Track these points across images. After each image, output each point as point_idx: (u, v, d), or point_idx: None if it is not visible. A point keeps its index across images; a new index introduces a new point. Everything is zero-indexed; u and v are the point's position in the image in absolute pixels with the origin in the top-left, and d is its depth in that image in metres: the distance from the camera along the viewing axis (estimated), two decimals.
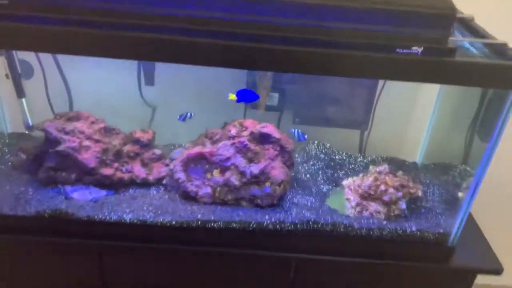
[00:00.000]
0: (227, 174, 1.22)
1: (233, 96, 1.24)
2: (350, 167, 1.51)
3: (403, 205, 1.30)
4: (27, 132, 1.37)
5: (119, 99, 1.49)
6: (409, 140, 1.57)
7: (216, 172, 1.24)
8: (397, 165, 1.51)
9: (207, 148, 1.25)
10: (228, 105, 1.52)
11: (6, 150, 1.36)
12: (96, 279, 1.26)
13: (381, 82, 1.47)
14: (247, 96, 1.24)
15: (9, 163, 1.31)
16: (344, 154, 1.54)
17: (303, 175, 1.43)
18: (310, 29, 0.99)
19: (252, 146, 1.23)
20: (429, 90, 1.47)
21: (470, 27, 1.18)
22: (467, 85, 1.00)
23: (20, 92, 1.31)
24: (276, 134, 1.26)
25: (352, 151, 1.57)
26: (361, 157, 1.55)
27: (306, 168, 1.46)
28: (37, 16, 0.95)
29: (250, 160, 1.24)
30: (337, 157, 1.52)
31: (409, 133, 1.56)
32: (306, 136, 1.34)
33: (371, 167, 1.41)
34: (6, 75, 1.28)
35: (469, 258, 1.26)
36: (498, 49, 1.05)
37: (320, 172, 1.46)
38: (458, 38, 1.07)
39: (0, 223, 1.17)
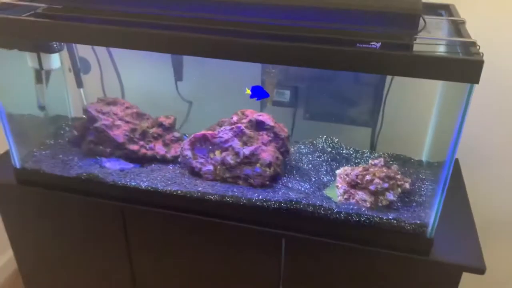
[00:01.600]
0: (224, 154, 1.42)
1: (249, 91, 1.42)
2: (356, 161, 1.59)
3: (390, 196, 1.36)
4: (84, 116, 1.71)
5: (161, 93, 1.78)
6: (416, 139, 1.61)
7: (217, 153, 1.44)
8: (402, 162, 1.57)
9: (210, 131, 1.45)
10: (247, 100, 1.73)
11: (67, 129, 1.72)
12: (120, 235, 1.53)
13: (388, 79, 1.54)
14: (258, 93, 1.42)
15: (66, 139, 1.66)
16: (351, 149, 1.63)
17: (306, 165, 1.56)
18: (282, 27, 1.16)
19: (247, 131, 1.41)
20: (432, 87, 1.50)
21: (457, 30, 1.24)
22: (420, 77, 1.07)
23: (79, 83, 1.66)
24: (270, 122, 1.42)
25: (364, 149, 1.66)
26: (368, 153, 1.62)
27: (310, 159, 1.59)
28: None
29: (245, 144, 1.41)
30: (344, 151, 1.62)
31: (416, 132, 1.60)
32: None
33: (370, 160, 1.49)
34: (69, 69, 1.64)
35: (450, 253, 1.28)
36: (467, 47, 1.11)
37: (324, 164, 1.58)
38: (424, 36, 1.14)
39: (51, 181, 1.51)
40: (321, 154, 1.61)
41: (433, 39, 1.15)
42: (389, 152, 1.62)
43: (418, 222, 1.27)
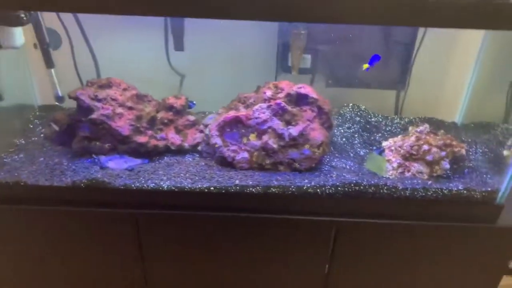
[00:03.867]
0: (264, 137, 1.18)
1: (366, 66, 1.23)
2: (387, 129, 1.46)
3: (446, 164, 1.25)
4: (57, 103, 1.35)
5: (147, 67, 1.45)
6: (447, 100, 1.50)
7: (252, 136, 1.20)
8: (435, 125, 1.46)
9: (243, 111, 1.21)
10: (257, 69, 1.48)
11: (38, 122, 1.35)
12: (134, 248, 1.24)
13: (418, 39, 1.40)
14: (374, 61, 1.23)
15: (42, 135, 1.29)
16: (380, 116, 1.49)
17: (339, 138, 1.39)
18: None
19: (289, 107, 1.19)
20: (469, 46, 1.39)
21: None
22: None
23: (49, 63, 1.28)
24: (313, 94, 1.21)
25: (388, 113, 1.52)
26: (398, 118, 1.49)
27: (342, 131, 1.42)
28: None
29: (288, 123, 1.19)
30: (373, 119, 1.47)
31: (448, 92, 1.49)
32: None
33: (410, 127, 1.35)
34: (35, 45, 1.25)
35: None
36: None
37: (356, 135, 1.42)
38: None
39: (37, 194, 1.16)
40: (350, 124, 1.44)
41: None
42: (419, 116, 1.50)
43: (489, 189, 1.18)
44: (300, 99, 1.21)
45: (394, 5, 0.92)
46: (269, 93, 1.23)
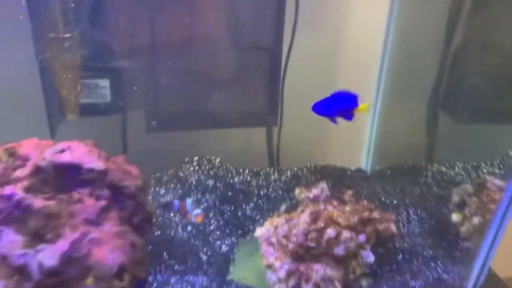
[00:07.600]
0: None
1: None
2: (262, 193, 0.87)
3: (369, 256, 0.70)
4: None
5: None
6: (346, 135, 0.96)
7: None
8: (335, 178, 0.91)
9: None
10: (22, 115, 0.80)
11: None
12: None
13: (284, 49, 0.85)
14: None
15: None
16: (246, 172, 0.90)
17: (180, 229, 0.76)
18: None
19: (37, 201, 0.52)
20: (367, 62, 0.88)
21: None
22: None
23: None
24: (93, 162, 0.56)
25: (260, 166, 0.93)
26: (276, 172, 0.91)
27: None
28: None
29: (37, 236, 0.52)
30: (236, 179, 0.88)
31: (345, 124, 0.95)
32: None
33: (297, 191, 0.78)
34: None
35: None
36: None
37: (211, 215, 0.80)
38: None
39: None
40: (199, 195, 0.82)
41: None
42: (307, 165, 0.94)
43: None
44: (66, 175, 0.55)
45: None
46: None
